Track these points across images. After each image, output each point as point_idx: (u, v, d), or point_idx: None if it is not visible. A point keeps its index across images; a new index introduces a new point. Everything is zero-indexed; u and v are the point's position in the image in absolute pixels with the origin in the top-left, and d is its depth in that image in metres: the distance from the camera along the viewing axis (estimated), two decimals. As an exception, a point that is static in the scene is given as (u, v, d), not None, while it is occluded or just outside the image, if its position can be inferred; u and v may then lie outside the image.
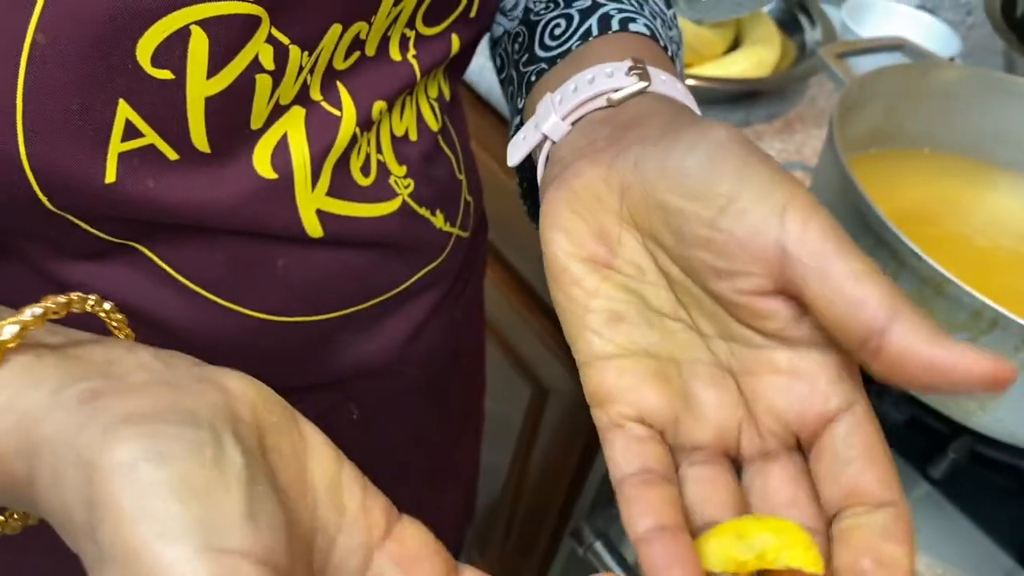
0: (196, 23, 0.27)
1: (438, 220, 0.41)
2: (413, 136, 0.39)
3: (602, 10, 0.37)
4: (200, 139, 0.29)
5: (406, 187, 0.38)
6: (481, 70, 0.80)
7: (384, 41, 0.35)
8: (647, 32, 0.36)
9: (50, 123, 0.26)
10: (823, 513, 0.24)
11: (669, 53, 0.37)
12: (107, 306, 0.25)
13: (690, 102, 0.33)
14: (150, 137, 0.28)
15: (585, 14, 0.37)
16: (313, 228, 0.34)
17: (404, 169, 0.38)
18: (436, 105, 0.41)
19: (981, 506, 0.51)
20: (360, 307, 0.39)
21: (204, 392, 0.22)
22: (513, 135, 0.36)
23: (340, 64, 0.33)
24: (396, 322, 0.43)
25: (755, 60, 0.79)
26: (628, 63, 0.32)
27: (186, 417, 0.20)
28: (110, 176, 0.28)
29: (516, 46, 0.41)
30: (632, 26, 0.36)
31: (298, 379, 0.41)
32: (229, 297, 0.35)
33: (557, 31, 0.38)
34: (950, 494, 0.52)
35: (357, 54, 0.34)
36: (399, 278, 0.40)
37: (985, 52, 0.90)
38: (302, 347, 0.39)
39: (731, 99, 0.78)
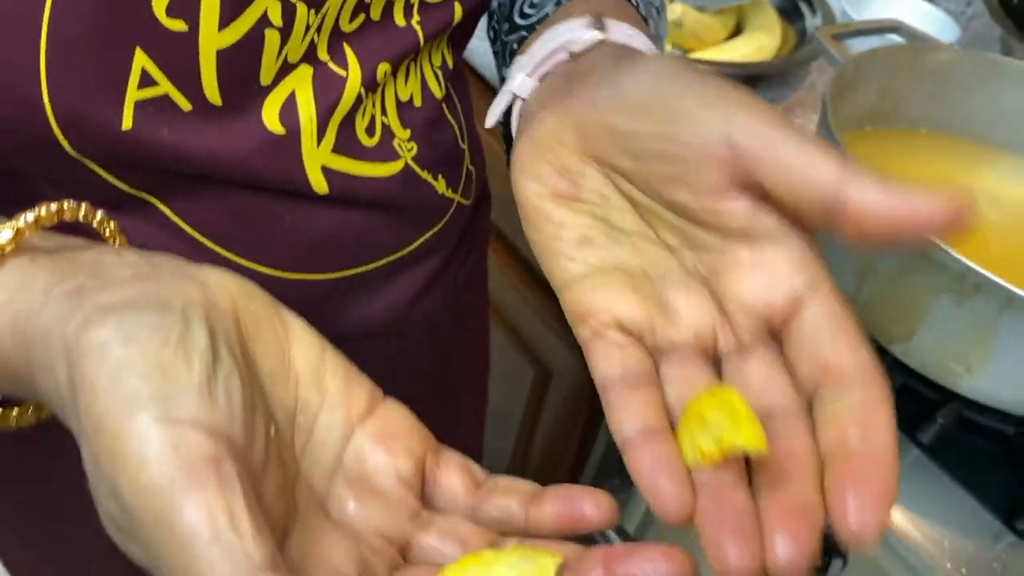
0: None
1: (440, 185, 0.43)
2: (417, 102, 0.41)
3: None
4: (212, 91, 0.31)
5: (409, 150, 0.40)
6: (487, 53, 0.82)
7: (389, 5, 0.37)
8: None
9: (71, 69, 0.28)
10: (801, 397, 0.25)
11: (641, 12, 0.38)
12: (99, 215, 0.27)
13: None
14: (164, 87, 0.30)
15: None
16: (319, 184, 0.36)
17: (408, 133, 0.40)
18: (440, 73, 0.43)
19: (969, 470, 0.53)
20: (364, 268, 0.41)
21: (181, 285, 0.24)
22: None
23: (346, 26, 0.35)
24: (399, 285, 0.45)
25: (756, 46, 0.80)
26: (588, 19, 0.33)
27: (158, 305, 0.22)
28: (127, 123, 0.30)
29: (500, 16, 0.43)
30: None
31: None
32: (237, 251, 0.37)
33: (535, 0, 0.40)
34: (940, 459, 0.53)
35: (362, 17, 0.36)
36: (402, 241, 0.42)
37: (985, 41, 0.91)
38: (307, 305, 0.41)
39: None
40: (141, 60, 0.29)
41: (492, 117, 0.36)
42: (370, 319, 0.44)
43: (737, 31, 0.85)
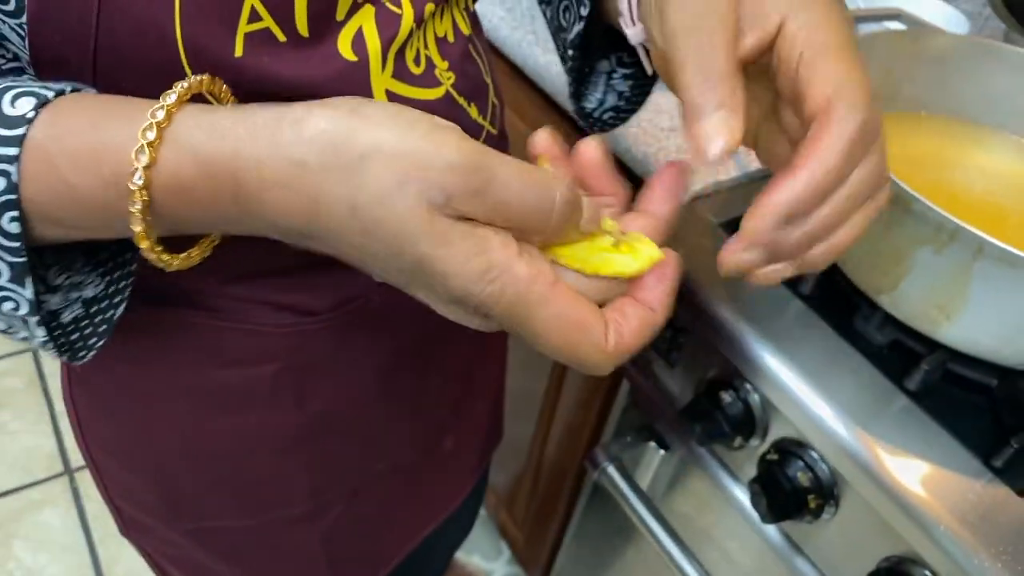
0: None
1: (473, 111, 0.50)
2: (451, 38, 0.48)
3: None
4: (302, 25, 0.38)
5: (448, 79, 0.47)
6: (519, 44, 0.88)
7: None
8: None
9: (200, 8, 0.35)
10: None
11: None
12: (224, 88, 0.35)
13: None
14: (267, 21, 0.37)
15: None
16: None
17: (446, 64, 0.47)
18: (465, 15, 0.51)
19: (954, 417, 0.57)
20: None
21: None
22: (574, 33, 0.48)
23: None
24: None
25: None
26: None
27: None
28: (238, 51, 0.37)
29: None
30: None
31: None
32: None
33: None
34: (928, 407, 0.57)
35: None
36: None
37: (998, 39, 0.95)
38: None
39: (748, 73, 0.85)
40: (251, 0, 0.36)
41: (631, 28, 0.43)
42: None
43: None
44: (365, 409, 0.57)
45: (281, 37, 0.38)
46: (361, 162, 0.29)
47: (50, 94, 0.32)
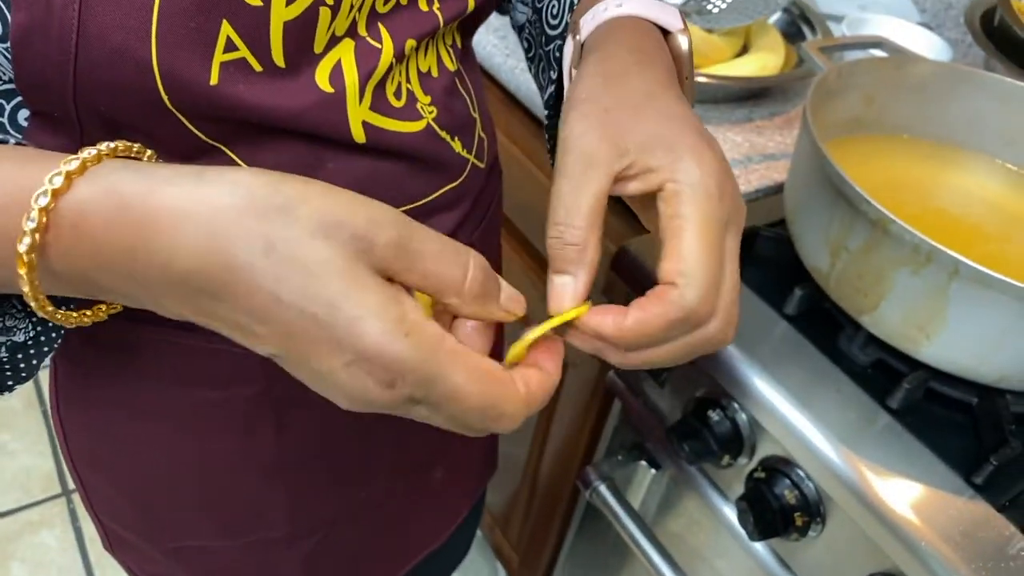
0: None
1: (456, 145, 0.51)
2: (435, 73, 0.49)
3: None
4: (278, 56, 0.39)
5: (430, 113, 0.48)
6: (512, 71, 0.90)
7: None
8: None
9: (175, 38, 0.36)
10: None
11: None
12: (146, 152, 0.35)
13: (663, 13, 0.45)
14: (243, 51, 0.38)
15: None
16: (359, 135, 0.44)
17: (428, 98, 0.48)
18: (451, 51, 0.51)
19: (935, 434, 0.58)
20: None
21: None
22: (547, 95, 0.49)
23: (381, 8, 0.44)
24: None
25: (760, 64, 0.87)
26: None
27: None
28: (214, 79, 0.37)
29: (535, 31, 0.52)
30: None
31: None
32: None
33: (555, 11, 0.49)
34: (910, 425, 0.58)
35: (393, 1, 0.44)
36: (426, 190, 0.50)
37: (980, 67, 0.97)
38: None
39: (737, 97, 0.87)
40: (227, 29, 0.37)
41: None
42: None
43: (744, 51, 0.93)
44: (343, 440, 0.57)
45: (257, 67, 0.38)
46: (285, 205, 0.29)
47: None
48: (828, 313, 0.64)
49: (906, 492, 0.54)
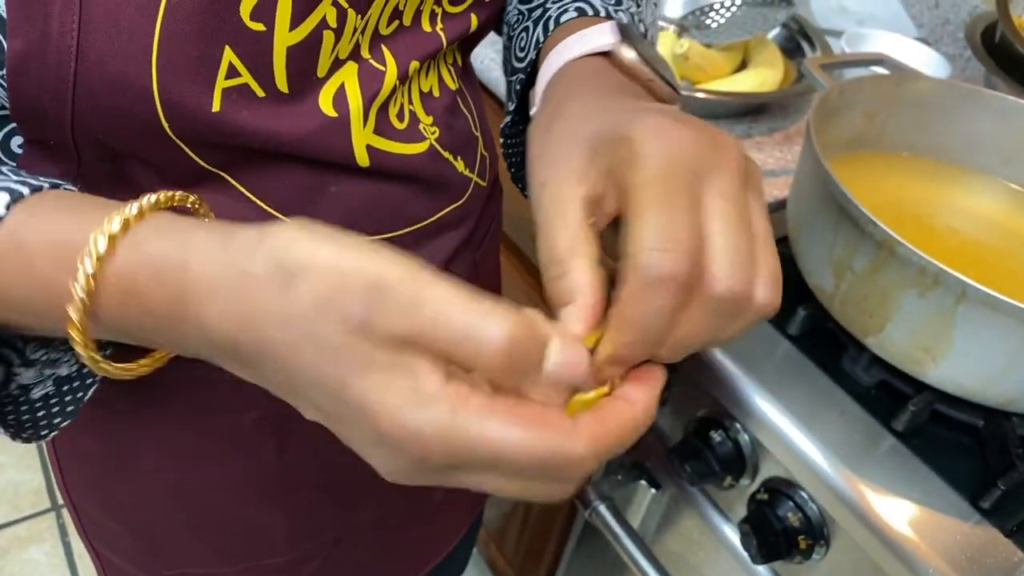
0: None
1: (459, 165, 0.50)
2: (436, 93, 0.49)
3: (545, 15, 0.47)
4: (281, 81, 0.38)
5: (432, 133, 0.48)
6: (490, 68, 0.89)
7: (418, 14, 0.44)
8: (575, 15, 0.46)
9: (176, 64, 0.35)
10: None
11: (603, 13, 0.46)
12: (191, 198, 0.34)
13: (598, 35, 0.42)
14: (245, 77, 0.37)
15: (535, 23, 0.48)
16: (362, 158, 0.43)
17: (431, 119, 0.47)
18: (452, 70, 0.51)
19: (941, 457, 0.57)
20: (397, 233, 0.48)
21: None
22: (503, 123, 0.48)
23: (384, 30, 0.42)
24: (427, 253, 0.51)
25: (759, 80, 0.87)
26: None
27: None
28: (216, 106, 0.36)
29: (507, 56, 0.52)
30: (564, 17, 0.46)
31: None
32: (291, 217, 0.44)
33: (522, 44, 0.48)
34: (915, 448, 0.58)
35: (397, 23, 0.43)
36: (428, 211, 0.49)
37: (974, 81, 0.97)
38: None
39: (737, 113, 0.86)
40: (229, 55, 0.36)
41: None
42: None
43: (743, 66, 0.92)
44: (344, 460, 0.56)
45: (260, 93, 0.38)
46: (296, 274, 0.27)
47: (25, 191, 0.31)
48: (832, 333, 0.63)
49: (911, 516, 0.54)
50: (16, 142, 0.37)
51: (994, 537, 0.53)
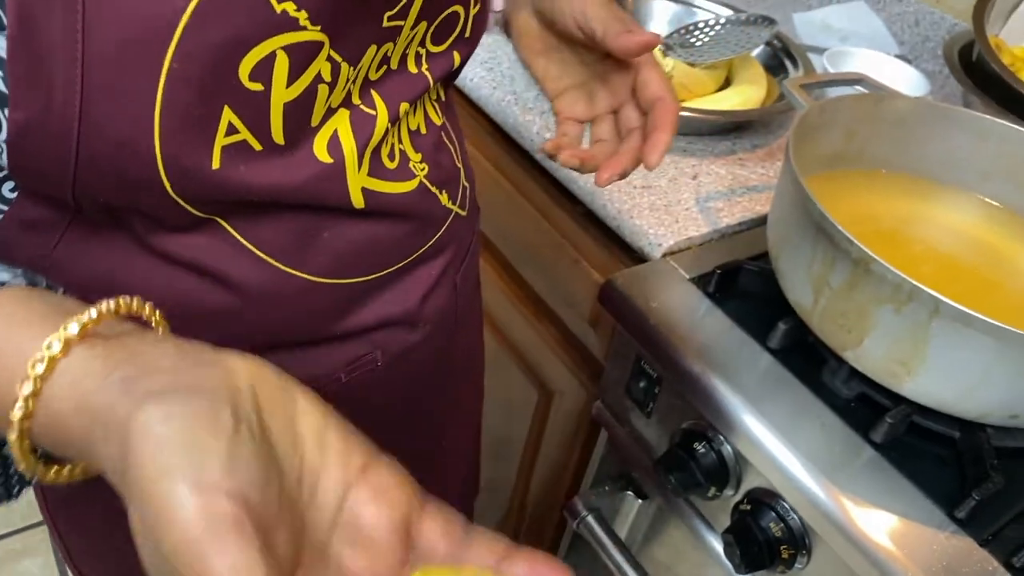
0: (281, 48, 0.36)
1: (444, 198, 0.52)
2: (423, 130, 0.50)
3: None
4: (278, 134, 0.39)
5: (422, 170, 0.49)
6: (500, 103, 0.91)
7: (404, 57, 0.45)
8: None
9: (178, 127, 0.35)
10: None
11: None
12: (147, 308, 0.33)
13: None
14: (244, 134, 0.38)
15: None
16: (358, 201, 0.44)
17: (419, 156, 0.49)
18: (436, 106, 0.52)
19: (918, 468, 0.59)
20: (384, 272, 0.50)
21: (209, 371, 0.28)
22: None
23: (373, 75, 0.44)
24: (412, 283, 0.53)
25: (743, 97, 0.89)
26: None
27: (191, 389, 0.27)
28: (215, 164, 0.37)
29: None
30: None
31: (336, 330, 0.50)
32: (286, 262, 0.45)
33: None
34: (893, 459, 0.59)
35: (385, 67, 0.44)
36: (415, 246, 0.51)
37: (952, 98, 0.99)
38: (340, 304, 0.49)
39: (720, 130, 0.88)
40: (228, 115, 0.37)
41: None
42: (389, 314, 0.52)
43: (727, 84, 0.94)
44: None
45: (257, 147, 0.38)
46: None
47: None
48: (812, 347, 0.64)
49: (889, 526, 0.55)
50: (8, 187, 0.38)
51: (970, 547, 0.54)
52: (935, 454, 0.61)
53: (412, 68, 0.46)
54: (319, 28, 0.37)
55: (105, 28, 0.32)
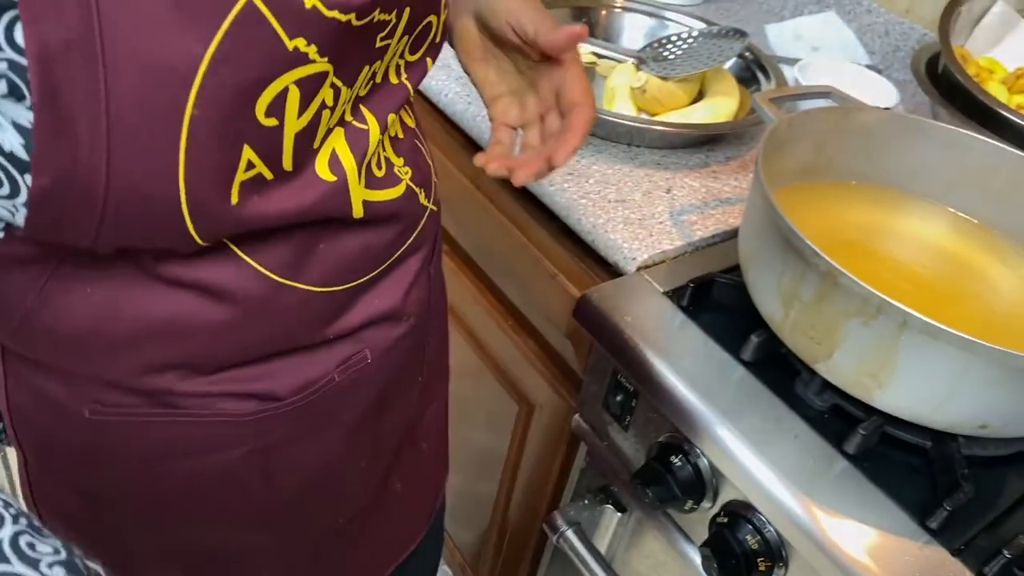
0: (293, 82, 0.37)
1: (421, 196, 0.54)
2: (401, 135, 0.51)
3: None
4: (288, 162, 0.40)
5: (406, 174, 0.51)
6: (475, 118, 0.91)
7: (386, 70, 0.47)
8: None
9: (202, 171, 0.37)
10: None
11: None
12: None
13: None
14: (260, 168, 0.39)
15: None
16: (358, 212, 0.46)
17: (401, 160, 0.51)
18: (409, 108, 0.54)
19: (891, 479, 0.59)
20: (372, 274, 0.51)
21: None
22: None
23: (362, 92, 0.45)
24: (395, 280, 0.55)
25: (715, 110, 0.89)
26: None
27: None
28: (234, 199, 0.39)
29: None
30: None
31: (328, 333, 0.52)
32: (285, 275, 0.46)
33: None
34: (866, 470, 0.59)
35: (371, 83, 0.46)
36: (399, 245, 0.53)
37: (921, 108, 1.00)
38: (331, 309, 0.51)
39: (693, 143, 0.88)
40: (247, 153, 0.38)
41: None
42: (376, 312, 0.54)
43: (700, 97, 0.95)
44: (330, 469, 0.58)
45: (269, 176, 0.40)
46: None
47: None
48: (785, 359, 0.65)
49: (863, 538, 0.55)
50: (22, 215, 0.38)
51: (942, 557, 0.55)
52: (908, 464, 0.61)
53: (393, 79, 0.48)
54: (326, 59, 0.38)
55: (126, 82, 0.33)
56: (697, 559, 0.71)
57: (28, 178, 0.34)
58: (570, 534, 0.78)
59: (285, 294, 0.46)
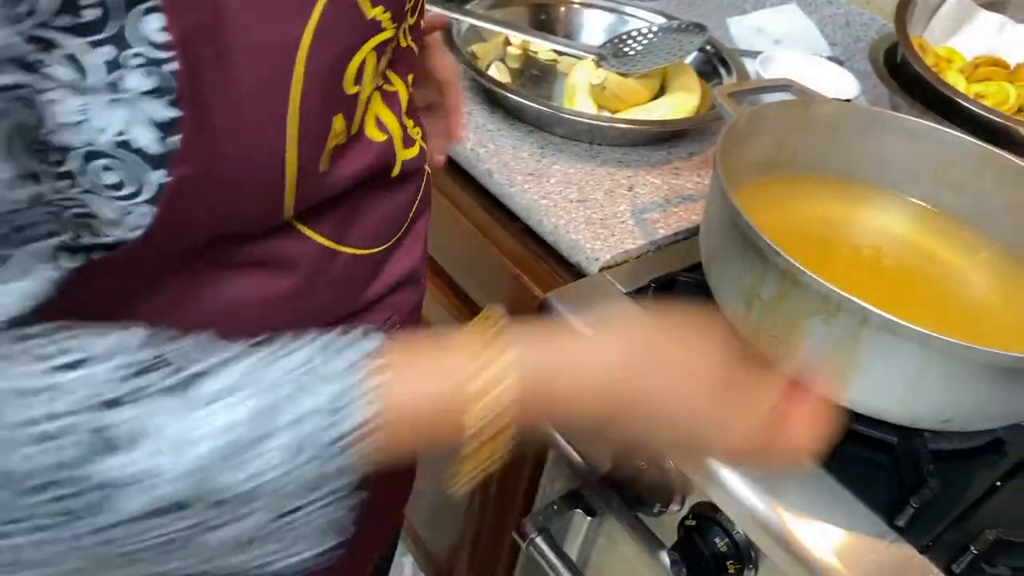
0: (372, 48, 0.40)
1: (428, 156, 0.55)
2: (405, 96, 0.52)
3: None
4: (356, 126, 0.42)
5: (418, 134, 0.52)
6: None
7: (402, 32, 0.48)
8: None
9: (305, 145, 0.38)
10: None
11: None
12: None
13: None
14: (343, 134, 0.40)
15: None
16: (397, 171, 0.48)
17: (412, 121, 0.52)
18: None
19: (858, 477, 0.58)
20: (398, 234, 0.53)
21: None
22: None
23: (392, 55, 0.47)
24: (412, 242, 0.56)
25: (676, 106, 0.88)
26: None
27: None
28: (323, 166, 0.40)
29: None
30: None
31: (362, 300, 0.52)
32: (334, 238, 0.47)
33: None
34: (833, 468, 0.59)
35: (392, 48, 0.47)
36: (413, 206, 0.54)
37: (882, 99, 1.00)
38: (372, 271, 0.52)
39: (655, 139, 0.87)
40: (338, 122, 0.39)
41: None
42: (402, 273, 0.55)
43: (662, 92, 0.94)
44: None
45: (342, 141, 0.41)
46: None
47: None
48: (749, 358, 0.64)
49: (830, 538, 0.55)
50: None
51: (910, 555, 0.54)
52: (875, 460, 0.60)
53: (403, 43, 0.49)
54: (395, 25, 0.41)
55: (243, 65, 0.34)
56: (668, 562, 0.70)
57: (158, 175, 0.34)
58: (539, 541, 0.76)
59: (332, 259, 0.47)
